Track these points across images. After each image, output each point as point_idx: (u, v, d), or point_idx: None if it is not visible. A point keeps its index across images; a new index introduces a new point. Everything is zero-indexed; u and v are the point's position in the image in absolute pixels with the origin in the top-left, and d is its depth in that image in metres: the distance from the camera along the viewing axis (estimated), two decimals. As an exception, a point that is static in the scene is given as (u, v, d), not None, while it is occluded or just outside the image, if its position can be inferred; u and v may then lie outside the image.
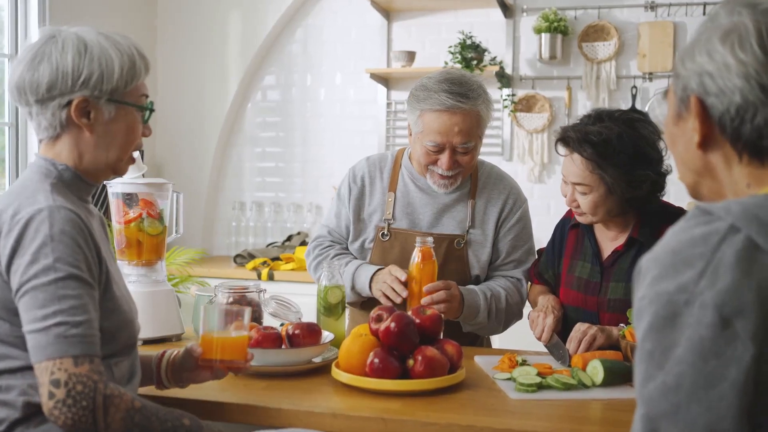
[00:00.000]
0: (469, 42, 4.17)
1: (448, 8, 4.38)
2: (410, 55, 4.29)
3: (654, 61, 4.10)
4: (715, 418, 0.84)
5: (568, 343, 1.97)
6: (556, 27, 4.09)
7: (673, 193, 3.99)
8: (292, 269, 4.04)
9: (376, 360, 1.71)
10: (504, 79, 4.21)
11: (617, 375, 1.80)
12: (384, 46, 4.47)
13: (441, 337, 1.85)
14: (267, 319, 2.13)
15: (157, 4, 4.66)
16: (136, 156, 2.16)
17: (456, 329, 2.21)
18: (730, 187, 1.03)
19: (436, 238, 2.24)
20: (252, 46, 4.57)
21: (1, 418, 1.40)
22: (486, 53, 4.20)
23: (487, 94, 2.21)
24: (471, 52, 4.13)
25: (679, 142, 1.09)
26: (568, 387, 1.76)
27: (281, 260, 4.17)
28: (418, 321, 1.79)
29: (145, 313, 2.17)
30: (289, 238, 4.48)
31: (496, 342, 2.44)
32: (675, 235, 0.96)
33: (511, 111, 4.27)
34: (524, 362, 1.94)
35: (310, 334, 1.91)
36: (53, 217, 1.37)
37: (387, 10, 4.44)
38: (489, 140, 4.32)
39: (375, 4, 4.31)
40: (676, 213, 2.09)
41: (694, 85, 1.02)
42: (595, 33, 4.20)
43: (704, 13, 4.08)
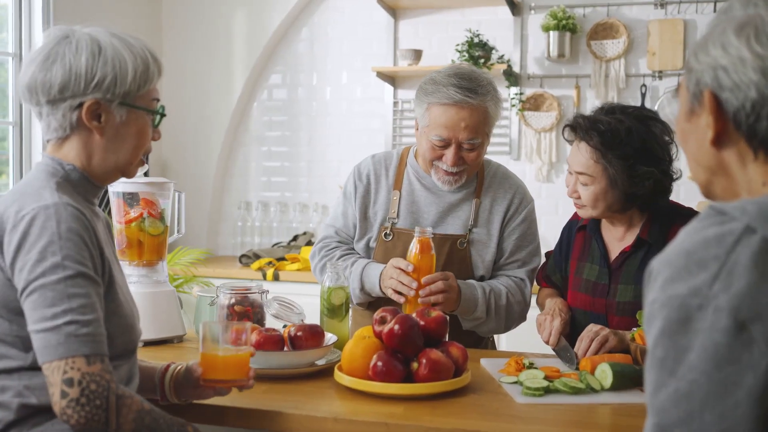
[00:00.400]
0: (477, 40, 4.15)
1: (456, 6, 4.35)
2: (417, 54, 4.26)
3: (664, 59, 4.06)
4: (729, 427, 0.81)
5: (579, 342, 1.93)
6: (565, 25, 4.06)
7: (683, 192, 3.99)
8: (297, 269, 4.02)
9: (380, 363, 1.68)
10: (512, 77, 4.17)
11: (627, 379, 1.76)
12: (390, 44, 4.44)
13: (446, 339, 1.81)
14: (269, 321, 2.10)
15: (163, 2, 4.64)
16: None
17: (456, 328, 2.17)
18: (744, 186, 1.00)
19: (439, 238, 2.21)
20: (258, 45, 4.54)
21: None
22: (493, 51, 4.18)
23: (497, 92, 2.19)
24: (478, 51, 4.10)
25: (692, 139, 1.06)
26: (576, 391, 1.72)
27: (287, 260, 4.14)
28: (422, 323, 1.75)
29: (146, 314, 2.14)
30: (295, 238, 4.46)
31: (503, 344, 2.41)
32: (688, 236, 0.93)
33: (519, 110, 4.23)
34: (531, 365, 1.90)
35: (312, 336, 1.88)
36: (60, 214, 1.35)
37: (393, 8, 4.41)
38: (496, 139, 4.29)
39: (381, 2, 4.28)
40: (686, 214, 2.06)
41: (708, 80, 0.98)
42: (603, 31, 4.16)
43: (715, 11, 4.03)
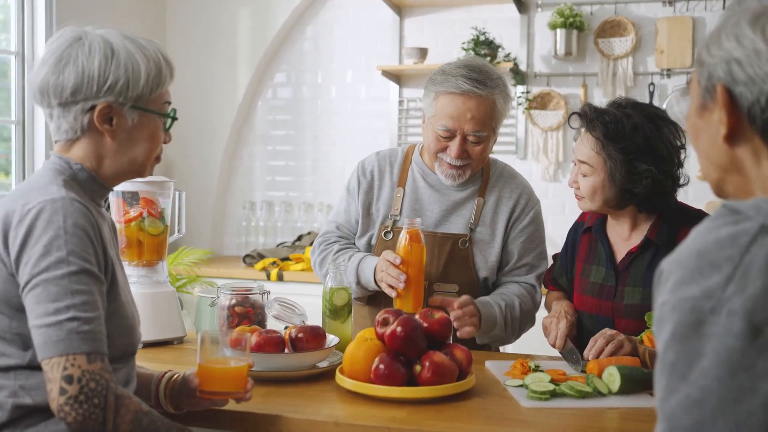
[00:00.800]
0: (483, 38, 4.12)
1: (462, 4, 4.31)
2: (422, 52, 4.23)
3: (672, 57, 4.01)
4: (743, 436, 0.78)
5: (592, 342, 1.88)
6: (572, 22, 4.02)
7: (692, 193, 3.94)
8: (301, 269, 3.99)
9: (382, 366, 1.64)
10: (518, 75, 4.14)
11: (635, 382, 1.72)
12: (396, 42, 4.41)
13: (450, 341, 1.78)
14: (270, 322, 2.07)
15: (167, 1, 4.62)
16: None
17: (468, 339, 2.13)
18: (759, 184, 0.96)
19: (441, 237, 2.18)
20: (262, 44, 4.52)
21: None
22: (500, 50, 4.15)
23: (507, 87, 2.16)
24: (484, 49, 4.07)
25: (703, 136, 1.02)
26: (582, 395, 1.68)
27: (291, 260, 4.12)
28: (425, 325, 1.71)
29: (146, 315, 2.11)
30: (300, 238, 4.43)
31: (508, 346, 2.36)
32: (700, 236, 0.89)
33: (526, 108, 4.20)
34: (537, 368, 1.86)
35: (313, 337, 1.84)
36: (67, 209, 1.34)
37: (399, 6, 4.38)
38: (502, 138, 4.25)
39: (387, 0, 4.25)
40: (694, 215, 2.02)
41: (721, 73, 0.95)
42: (611, 28, 4.12)
43: (724, 7, 3.98)
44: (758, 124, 0.92)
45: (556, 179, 4.22)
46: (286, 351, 1.84)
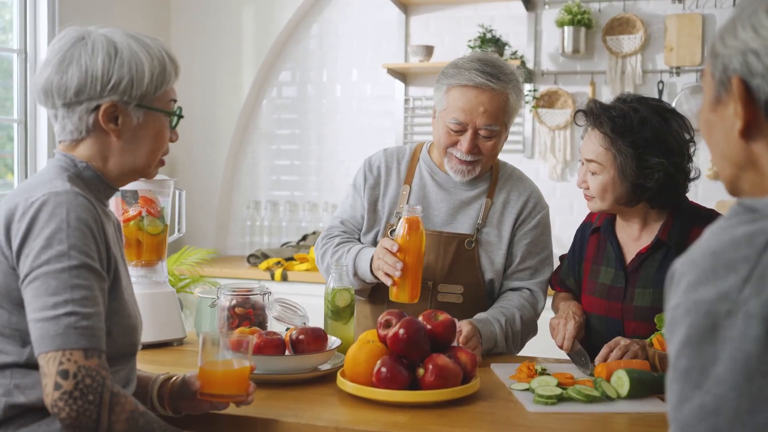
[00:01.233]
0: (490, 36, 4.09)
1: (468, 1, 4.28)
2: (428, 50, 4.19)
3: (681, 55, 3.97)
4: (761, 446, 0.75)
5: (604, 349, 1.84)
6: (580, 20, 3.98)
7: (702, 192, 3.90)
8: (306, 269, 3.96)
9: (384, 369, 1.60)
10: (525, 74, 4.11)
11: (644, 386, 1.67)
12: (401, 40, 4.38)
13: (454, 344, 1.73)
14: (271, 323, 2.03)
15: (171, -1, 4.60)
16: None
17: None
18: (776, 182, 0.92)
19: (447, 237, 2.14)
20: (266, 42, 4.50)
21: None
22: (507, 47, 4.12)
23: (520, 83, 2.14)
24: (491, 47, 4.04)
25: (717, 131, 0.98)
26: (590, 399, 1.63)
27: (295, 260, 4.09)
28: (429, 327, 1.67)
29: (145, 316, 2.07)
30: (304, 238, 4.40)
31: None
32: (714, 236, 0.86)
33: (533, 107, 4.16)
34: (544, 371, 1.82)
35: (315, 339, 1.80)
36: (70, 202, 1.33)
37: (405, 4, 4.34)
38: (509, 137, 4.19)
39: (392, -2, 4.22)
40: (706, 215, 1.98)
41: (737, 65, 0.91)
42: (620, 26, 4.08)
43: (734, 5, 3.93)
44: (776, 118, 0.88)
45: (563, 178, 4.18)
46: (287, 353, 1.81)
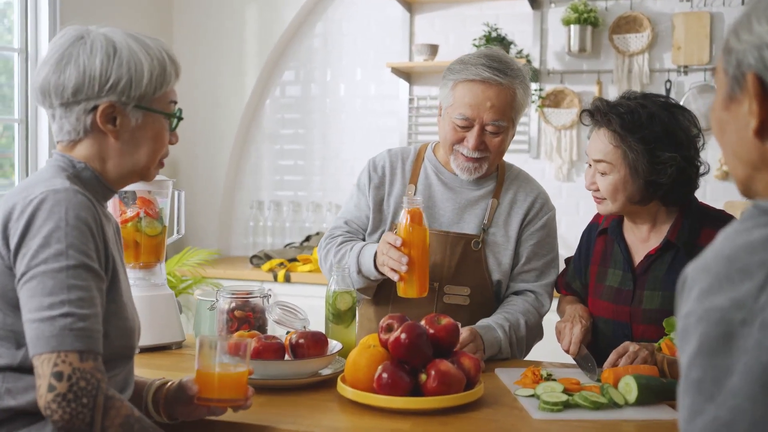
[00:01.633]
0: (495, 35, 4.05)
1: (473, 0, 4.22)
2: (433, 49, 4.15)
3: (689, 54, 3.92)
4: (778, 462, 0.70)
5: (612, 355, 1.80)
6: (586, 18, 3.94)
7: (709, 192, 3.85)
8: (309, 271, 3.92)
9: (385, 374, 1.56)
10: (531, 73, 4.05)
11: (653, 392, 1.63)
12: (406, 39, 4.34)
13: (457, 348, 1.69)
14: (271, 327, 1.99)
15: (174, -3, 4.57)
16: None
17: None
18: (793, 183, 0.87)
19: (453, 237, 2.10)
20: (270, 41, 4.46)
21: None
22: (512, 46, 4.08)
23: (527, 79, 2.11)
24: (496, 45, 3.98)
25: (730, 130, 0.94)
26: (597, 406, 1.59)
27: (298, 261, 4.05)
28: (431, 331, 1.63)
29: (144, 319, 2.02)
30: (308, 239, 4.36)
31: (520, 352, 2.28)
32: (728, 240, 0.81)
33: (539, 106, 4.12)
34: (549, 376, 1.78)
35: (315, 343, 1.76)
36: (70, 200, 1.30)
37: (409, 2, 4.30)
38: (515, 137, 4.16)
39: (396, -4, 4.18)
40: (716, 215, 1.94)
41: (752, 60, 0.86)
42: (627, 24, 4.03)
43: (743, 3, 3.88)
44: (794, 116, 0.84)
45: (569, 179, 4.14)
46: (286, 358, 1.77)
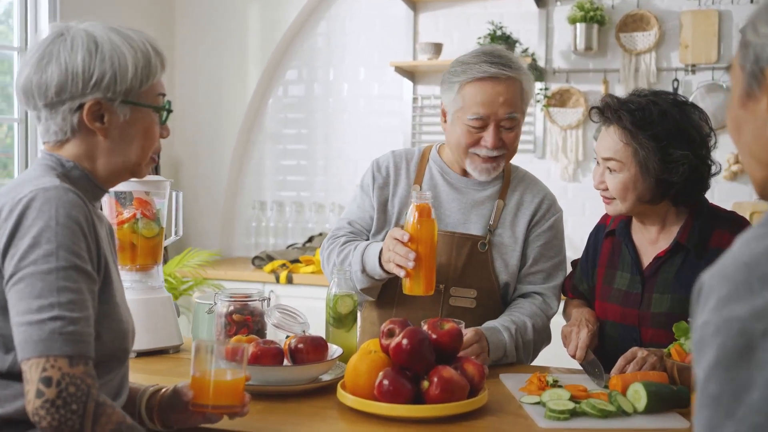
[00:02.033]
0: (500, 33, 4.00)
1: (478, -2, 4.19)
2: (437, 47, 4.10)
3: (697, 53, 3.87)
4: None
5: (620, 361, 1.75)
6: (592, 16, 3.89)
7: (717, 193, 3.79)
8: (312, 272, 3.88)
9: (386, 381, 1.51)
10: (536, 72, 4.01)
11: (662, 400, 1.58)
12: (410, 38, 4.29)
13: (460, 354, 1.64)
14: (271, 331, 1.95)
15: (175, -4, 4.53)
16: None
17: None
18: (814, 185, 0.83)
19: (459, 238, 2.06)
20: (272, 40, 4.42)
21: None
22: (517, 45, 4.03)
23: (527, 68, 2.08)
24: (501, 44, 3.94)
25: (747, 129, 0.89)
26: (605, 414, 1.54)
27: (301, 263, 4.00)
28: (434, 336, 1.58)
29: (141, 323, 1.99)
30: (311, 239, 4.32)
31: (525, 357, 2.23)
32: (747, 245, 0.77)
33: (544, 106, 4.07)
34: (555, 383, 1.73)
35: (314, 348, 1.72)
36: (60, 199, 1.25)
37: (413, 1, 4.26)
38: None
39: (400, -6, 4.13)
40: (728, 217, 1.89)
41: (772, 55, 0.81)
42: (633, 23, 3.98)
43: (752, 1, 3.83)
44: (817, 114, 0.79)
45: (575, 179, 4.09)
46: (285, 363, 1.72)
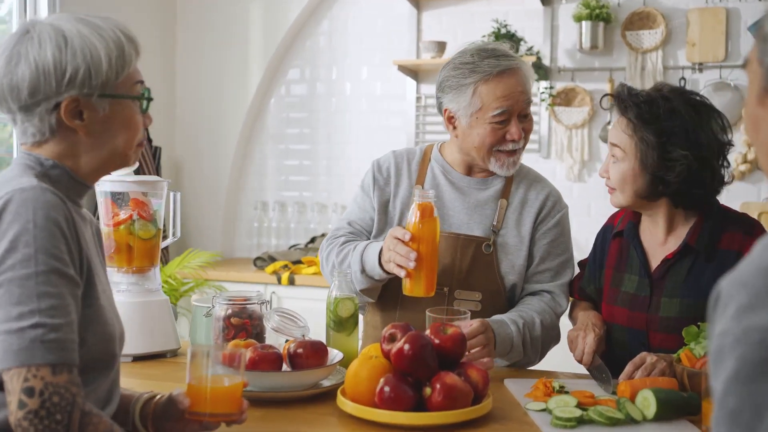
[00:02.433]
0: (504, 31, 3.96)
1: (482, -4, 4.14)
2: (441, 46, 4.05)
3: (704, 51, 3.81)
4: None
5: (628, 366, 1.70)
6: (598, 14, 3.84)
7: (724, 192, 3.73)
8: (314, 273, 3.84)
9: (387, 388, 1.47)
10: (541, 70, 3.96)
11: (672, 407, 1.53)
12: (413, 36, 4.24)
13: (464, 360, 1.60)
14: (270, 335, 1.90)
15: (177, -6, 4.49)
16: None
17: None
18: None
19: (464, 240, 2.01)
20: (275, 39, 4.37)
21: None
22: (522, 43, 3.98)
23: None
24: (506, 42, 3.88)
25: (766, 126, 0.84)
26: (613, 422, 1.49)
27: (303, 264, 3.96)
28: (436, 341, 1.53)
29: (137, 326, 1.96)
30: (313, 240, 4.27)
31: (530, 361, 2.18)
32: (767, 250, 0.71)
33: (549, 105, 4.01)
34: (562, 389, 1.68)
35: (314, 353, 1.67)
36: (38, 200, 1.19)
37: (417, -1, 4.21)
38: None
39: (403, -8, 4.08)
40: (739, 219, 1.84)
41: (794, 47, 0.77)
42: (640, 20, 3.92)
43: (760, -2, 3.77)
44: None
45: (581, 179, 4.03)
46: (284, 368, 1.68)
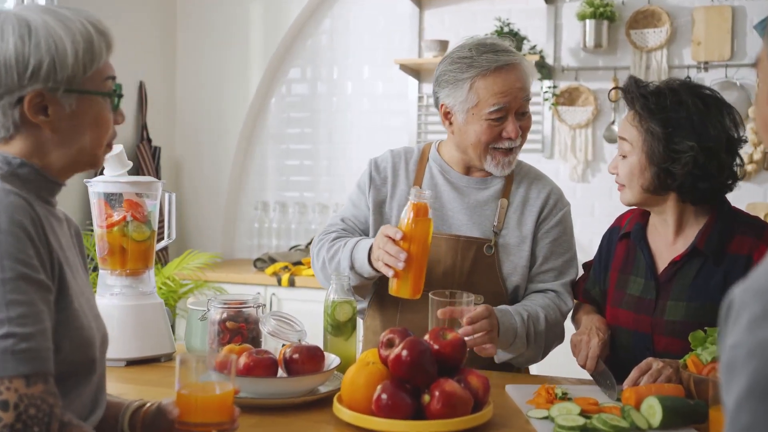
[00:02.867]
0: (507, 30, 3.93)
1: (484, -6, 4.09)
2: (443, 45, 4.01)
3: (710, 49, 3.77)
4: None
5: (634, 372, 1.66)
6: (602, 13, 3.80)
7: (729, 193, 3.68)
8: (314, 275, 3.78)
9: (384, 395, 1.42)
10: (544, 69, 3.92)
11: (678, 415, 1.48)
12: (415, 35, 4.21)
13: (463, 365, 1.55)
14: (266, 339, 1.86)
15: (177, -7, 4.46)
16: (119, 151, 1.92)
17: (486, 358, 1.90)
18: None
19: (465, 241, 1.97)
20: (275, 38, 4.34)
21: None
22: (525, 42, 3.94)
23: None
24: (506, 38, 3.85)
25: (779, 126, 0.80)
26: (617, 430, 1.44)
27: (303, 265, 3.92)
28: (436, 347, 1.49)
29: (130, 330, 1.93)
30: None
31: (533, 366, 2.13)
32: (782, 257, 0.67)
33: (552, 104, 3.97)
34: (565, 395, 1.63)
35: (310, 359, 1.63)
36: (1, 203, 1.13)
37: (419, -3, 4.17)
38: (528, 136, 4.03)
39: (405, -9, 4.05)
40: (751, 222, 1.80)
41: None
42: (644, 19, 3.88)
43: (767, -4, 3.73)
44: None
45: (585, 179, 3.99)
46: (280, 374, 1.64)
